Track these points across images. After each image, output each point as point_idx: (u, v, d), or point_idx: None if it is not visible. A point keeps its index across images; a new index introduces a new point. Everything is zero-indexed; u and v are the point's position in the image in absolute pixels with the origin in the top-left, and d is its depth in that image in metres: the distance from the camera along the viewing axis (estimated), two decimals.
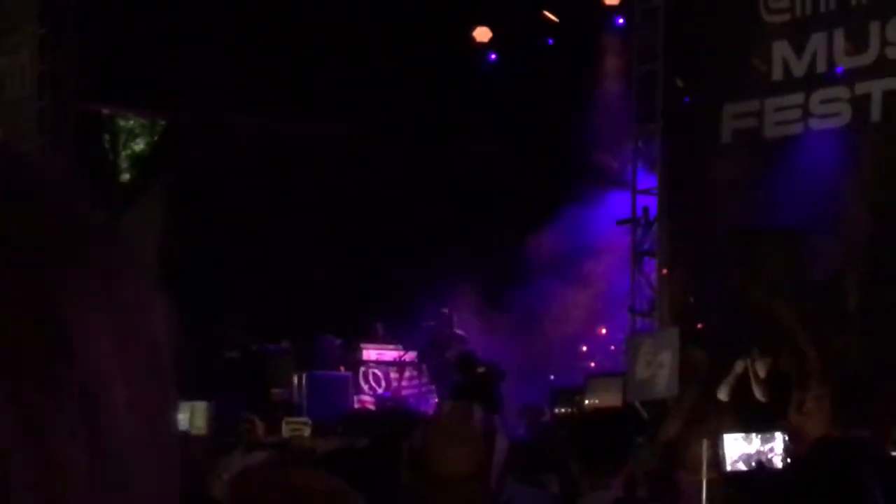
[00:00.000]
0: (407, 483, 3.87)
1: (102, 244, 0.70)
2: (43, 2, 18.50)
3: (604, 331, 20.46)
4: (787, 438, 12.75)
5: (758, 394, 13.88)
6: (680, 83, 17.51)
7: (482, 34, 21.51)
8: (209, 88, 20.02)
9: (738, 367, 14.15)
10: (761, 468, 12.52)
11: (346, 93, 20.54)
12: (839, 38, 15.88)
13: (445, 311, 19.28)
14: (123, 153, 22.33)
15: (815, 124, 16.04)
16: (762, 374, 13.77)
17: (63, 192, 0.67)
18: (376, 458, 5.69)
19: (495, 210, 20.53)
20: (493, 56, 21.90)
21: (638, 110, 18.19)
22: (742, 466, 12.85)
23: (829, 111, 15.96)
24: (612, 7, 19.90)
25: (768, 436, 12.87)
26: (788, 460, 12.33)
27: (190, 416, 16.37)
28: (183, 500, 0.67)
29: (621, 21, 19.84)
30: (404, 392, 19.61)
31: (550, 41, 21.07)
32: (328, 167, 21.05)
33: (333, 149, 21.36)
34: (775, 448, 12.73)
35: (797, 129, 16.21)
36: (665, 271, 17.52)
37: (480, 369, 16.46)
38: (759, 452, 12.79)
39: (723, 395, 14.42)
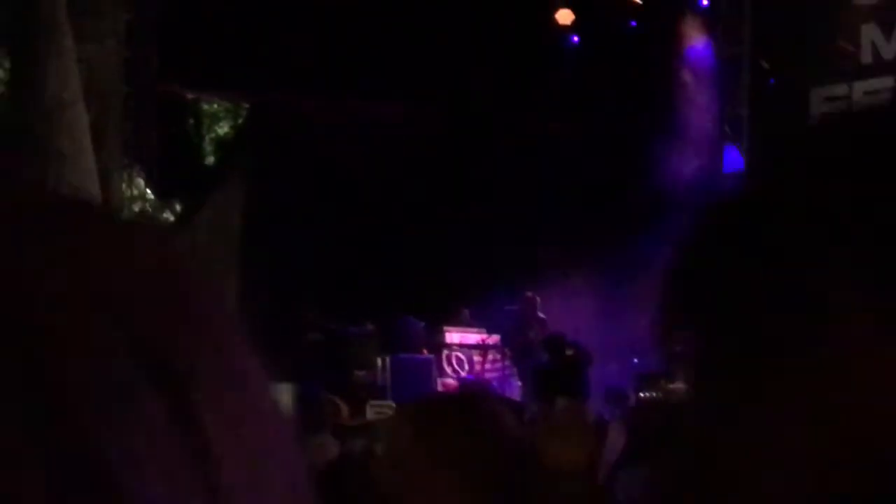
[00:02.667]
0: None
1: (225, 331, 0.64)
2: None
3: None
4: None
5: None
6: (766, 65, 17.35)
7: (564, 16, 21.43)
8: (293, 72, 20.11)
9: None
10: None
11: (428, 75, 20.54)
12: None
13: (529, 294, 19.22)
14: (208, 137, 22.51)
15: None
16: None
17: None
18: None
19: (580, 196, 20.45)
20: (576, 38, 21.82)
21: (723, 93, 18.06)
22: None
23: None
24: None
25: None
26: None
27: None
28: None
29: (706, 3, 19.67)
30: (487, 375, 19.59)
31: (633, 23, 20.94)
32: (413, 149, 21.08)
33: (416, 131, 21.38)
34: None
35: None
36: None
37: (569, 352, 16.38)
38: None
39: None
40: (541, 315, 19.08)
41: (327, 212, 20.40)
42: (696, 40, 20.00)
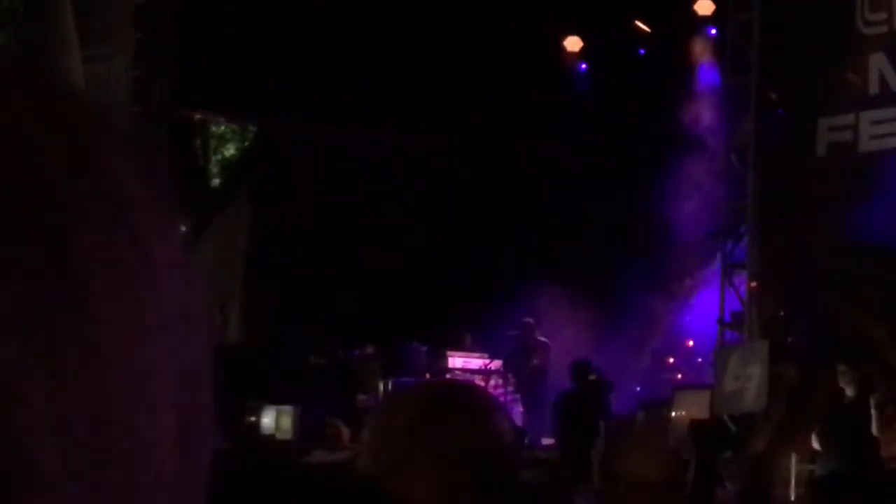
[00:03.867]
0: (601, 489, 3.97)
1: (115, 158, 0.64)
2: (138, 8, 18.71)
3: (691, 343, 20.31)
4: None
5: (845, 409, 13.69)
6: (773, 96, 17.34)
7: (573, 44, 21.48)
8: (300, 96, 20.14)
9: (829, 380, 13.98)
10: None
11: (435, 102, 20.57)
12: None
13: (529, 320, 19.22)
14: (214, 158, 22.54)
15: None
16: (850, 390, 13.58)
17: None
18: None
19: (584, 221, 20.46)
20: (584, 66, 21.86)
21: (730, 123, 18.06)
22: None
23: None
24: (704, 18, 19.77)
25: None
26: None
27: (276, 421, 16.47)
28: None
29: (714, 32, 19.70)
30: None
31: (642, 51, 20.98)
32: (417, 176, 21.11)
33: (422, 158, 21.41)
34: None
35: (893, 143, 15.98)
36: (755, 284, 17.36)
37: (592, 377, 16.39)
38: None
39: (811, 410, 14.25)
40: (541, 339, 19.06)
41: (331, 235, 20.41)
42: (704, 68, 20.03)
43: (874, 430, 13.27)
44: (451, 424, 2.43)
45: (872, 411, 13.30)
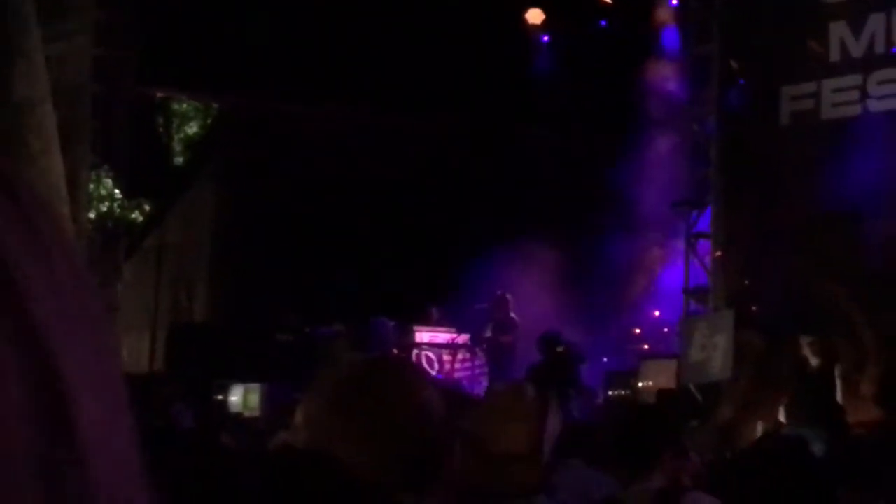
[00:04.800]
0: (461, 463, 3.87)
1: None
2: None
3: (657, 313, 20.38)
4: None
5: (811, 377, 13.76)
6: (735, 65, 17.38)
7: (535, 16, 21.45)
8: (263, 73, 20.06)
9: (794, 349, 14.04)
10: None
11: (397, 78, 20.53)
12: None
13: (499, 293, 19.23)
14: (177, 137, 22.43)
15: (874, 105, 15.88)
16: (815, 360, 13.65)
17: None
18: None
19: (548, 194, 20.48)
20: (546, 38, 21.84)
21: (692, 92, 18.10)
22: None
23: (888, 92, 15.79)
24: None
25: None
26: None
27: (243, 399, 16.47)
28: (233, 480, 0.66)
29: (675, 2, 19.71)
30: (457, 374, 19.59)
31: (604, 23, 20.97)
32: (381, 152, 21.06)
33: (385, 134, 21.37)
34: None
35: (855, 110, 16.06)
36: (719, 254, 17.43)
37: (560, 349, 16.39)
38: None
39: (778, 377, 14.32)
40: (512, 315, 19.09)
41: (297, 213, 20.36)
42: (667, 39, 20.04)
43: (839, 398, 13.34)
44: (378, 399, 2.45)
45: (837, 380, 13.36)
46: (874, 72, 15.93)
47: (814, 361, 13.56)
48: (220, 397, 16.57)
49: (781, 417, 13.61)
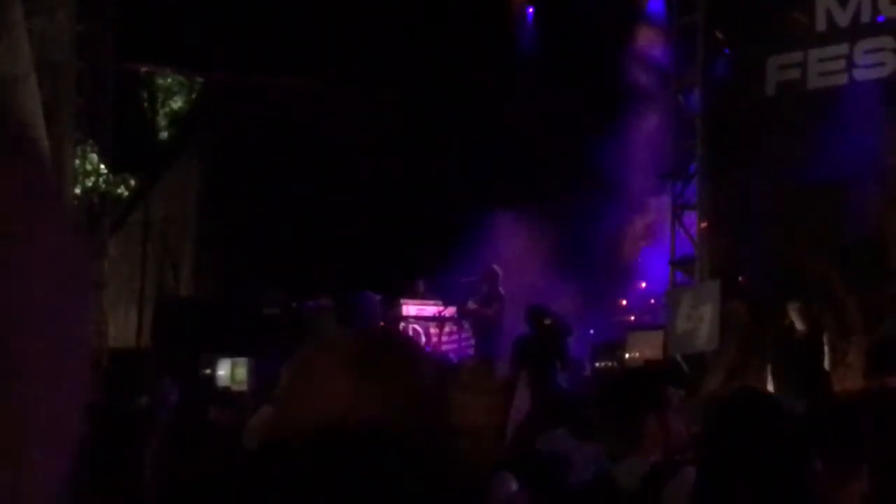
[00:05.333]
0: None
1: None
2: None
3: (644, 284, 20.40)
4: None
5: (796, 345, 13.79)
6: (720, 35, 17.37)
7: None
8: (247, 47, 20.00)
9: (780, 318, 14.07)
10: None
11: (379, 53, 20.48)
12: None
13: (489, 267, 19.23)
14: (162, 111, 22.36)
15: (860, 74, 15.88)
16: (802, 327, 13.68)
17: None
18: None
19: (535, 166, 20.45)
20: (531, 10, 21.80)
21: (678, 63, 18.08)
22: None
23: (874, 61, 15.79)
24: None
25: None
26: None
27: (231, 373, 16.47)
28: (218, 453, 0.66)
29: None
30: (444, 347, 19.61)
31: None
32: (368, 124, 21.02)
33: (373, 107, 21.32)
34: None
35: (841, 79, 16.05)
36: (705, 225, 17.44)
37: (547, 321, 16.38)
38: None
39: (766, 348, 14.35)
40: (499, 289, 19.09)
41: (283, 187, 20.33)
42: (652, 8, 20.01)
43: (826, 365, 13.38)
44: (402, 364, 2.43)
45: (825, 348, 13.41)
46: (860, 41, 15.92)
47: (800, 329, 13.60)
48: (207, 372, 16.56)
49: (769, 386, 13.65)
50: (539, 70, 20.63)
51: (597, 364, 17.81)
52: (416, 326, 19.81)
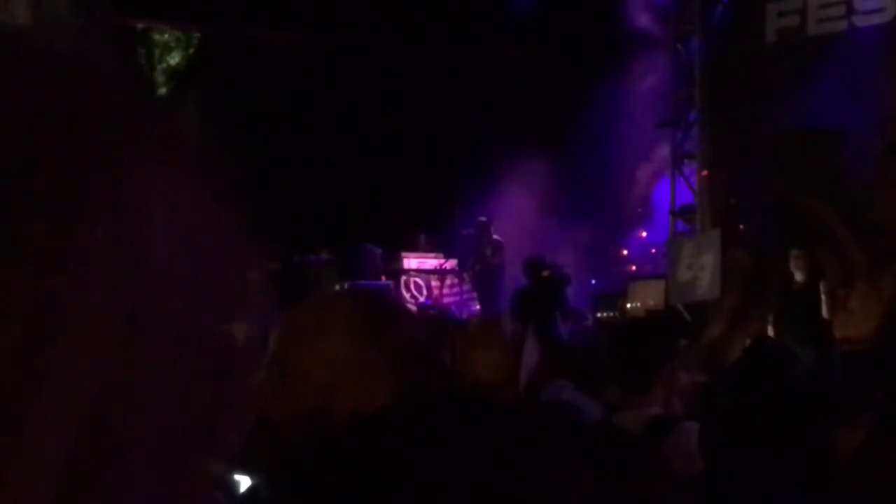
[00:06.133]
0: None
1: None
2: None
3: (644, 234, 20.40)
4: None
5: (797, 293, 13.81)
6: None
7: None
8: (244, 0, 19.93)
9: (781, 266, 14.07)
10: None
11: (379, 4, 20.41)
12: None
13: (483, 219, 19.23)
14: (159, 67, 22.28)
15: (860, 21, 15.80)
16: (801, 275, 13.68)
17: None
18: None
19: (533, 117, 20.42)
20: None
21: (675, 11, 18.00)
22: None
23: (874, 6, 15.71)
24: None
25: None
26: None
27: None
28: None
29: None
30: (446, 300, 19.65)
31: None
32: (367, 78, 20.96)
33: (371, 59, 21.25)
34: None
35: (841, 25, 15.98)
36: (705, 173, 17.42)
37: (545, 273, 16.39)
38: None
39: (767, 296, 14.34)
40: (496, 237, 19.10)
41: (282, 141, 20.30)
42: None
43: (825, 313, 13.38)
44: (398, 328, 2.43)
45: (823, 296, 13.40)
46: None
47: (800, 277, 13.60)
48: None
49: (769, 333, 13.67)
50: (534, 17, 20.54)
51: (598, 314, 17.83)
52: (418, 279, 19.84)
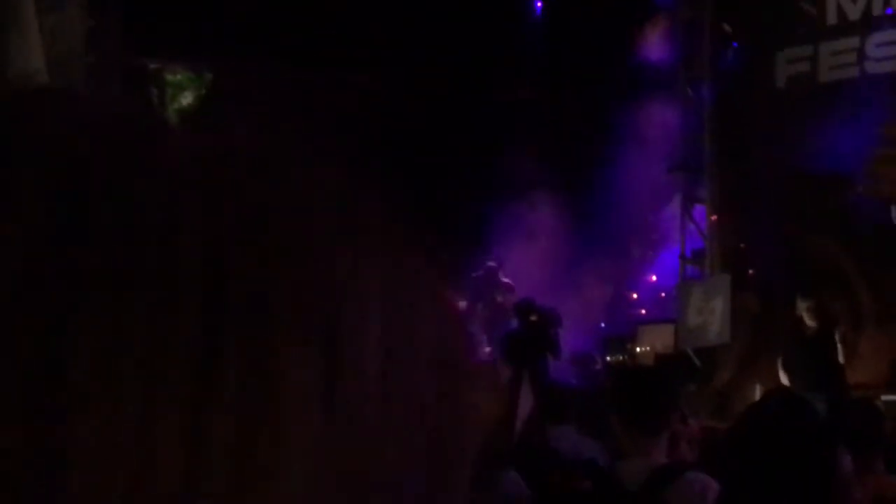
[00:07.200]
0: None
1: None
2: None
3: (654, 278, 20.41)
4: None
5: (809, 340, 13.78)
6: (727, 28, 17.37)
7: None
8: (257, 40, 20.00)
9: (791, 311, 14.06)
10: None
11: (390, 40, 20.47)
12: None
13: (492, 263, 19.25)
14: (171, 107, 22.37)
15: (872, 68, 15.86)
16: (813, 321, 13.67)
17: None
18: None
19: (544, 160, 20.45)
20: (539, 3, 21.80)
21: (685, 56, 18.07)
22: None
23: (886, 54, 15.77)
24: None
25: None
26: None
27: None
28: None
29: None
30: None
31: None
32: (377, 116, 21.03)
33: (378, 97, 21.32)
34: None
35: (852, 72, 16.03)
36: (715, 217, 17.44)
37: (533, 317, 16.40)
38: None
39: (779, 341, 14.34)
40: (505, 280, 19.11)
41: None
42: (659, 2, 19.99)
43: (840, 358, 13.37)
44: None
45: (837, 344, 13.37)
46: (872, 34, 15.90)
47: (811, 325, 13.59)
48: None
49: (781, 379, 13.66)
50: (547, 61, 20.63)
51: (608, 358, 17.82)
52: None
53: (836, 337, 13.39)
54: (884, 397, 12.94)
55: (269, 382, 0.53)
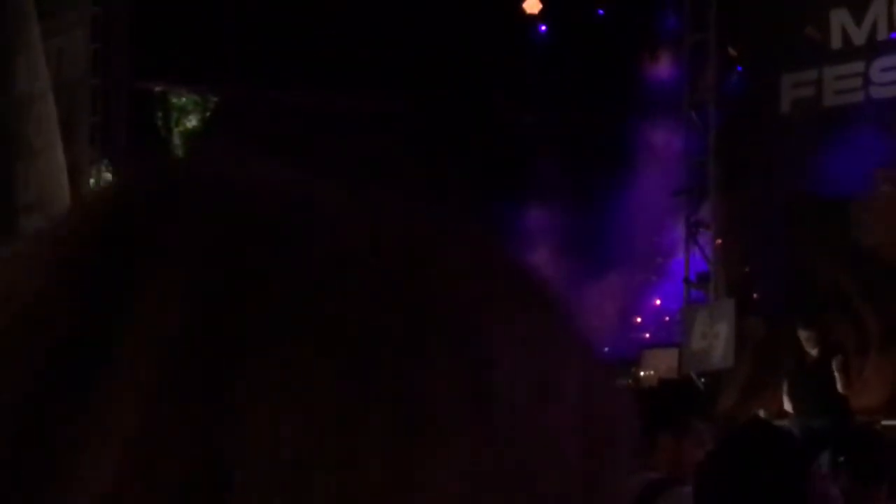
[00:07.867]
0: None
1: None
2: None
3: (658, 301, 20.41)
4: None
5: (812, 366, 13.77)
6: (732, 52, 17.38)
7: (532, 6, 21.45)
8: (262, 64, 20.05)
9: (795, 336, 14.05)
10: None
11: (394, 66, 20.52)
12: None
13: None
14: (176, 130, 22.41)
15: (877, 92, 15.86)
16: (815, 352, 13.67)
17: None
18: None
19: (547, 185, 20.48)
20: (544, 28, 21.84)
21: (690, 80, 18.08)
22: None
23: (891, 79, 15.77)
24: None
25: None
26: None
27: None
28: None
29: None
30: None
31: (601, 12, 20.98)
32: (379, 141, 21.06)
33: (383, 122, 21.35)
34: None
35: (858, 97, 16.03)
36: (720, 242, 17.43)
37: None
38: None
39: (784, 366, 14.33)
40: None
41: None
42: (664, 27, 20.04)
43: (840, 388, 13.35)
44: None
45: (836, 373, 13.36)
46: (877, 59, 15.90)
47: (813, 351, 13.58)
48: None
49: (785, 405, 13.64)
50: (551, 86, 20.66)
51: None
52: None
53: (834, 366, 13.36)
54: (884, 422, 12.95)
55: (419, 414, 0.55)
